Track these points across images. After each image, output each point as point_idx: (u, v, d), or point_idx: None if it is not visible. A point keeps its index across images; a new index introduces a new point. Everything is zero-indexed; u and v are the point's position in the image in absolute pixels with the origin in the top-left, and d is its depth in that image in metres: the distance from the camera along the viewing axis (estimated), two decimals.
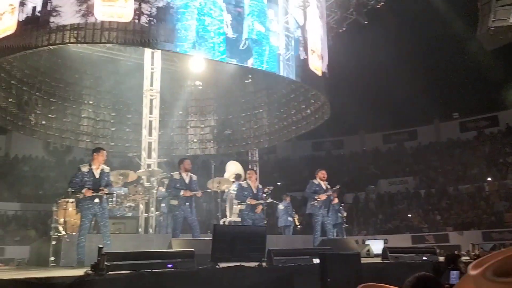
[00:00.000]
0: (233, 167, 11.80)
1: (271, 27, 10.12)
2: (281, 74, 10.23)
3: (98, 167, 6.80)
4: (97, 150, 7.03)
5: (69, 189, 7.13)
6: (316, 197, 8.39)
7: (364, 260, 5.73)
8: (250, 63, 9.72)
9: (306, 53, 10.59)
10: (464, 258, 6.62)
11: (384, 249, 6.60)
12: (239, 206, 8.37)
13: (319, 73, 11.04)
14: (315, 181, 8.69)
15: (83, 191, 6.57)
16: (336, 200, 9.06)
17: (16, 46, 8.43)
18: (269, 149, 22.98)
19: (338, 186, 9.09)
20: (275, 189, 11.26)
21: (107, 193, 6.79)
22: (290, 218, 11.79)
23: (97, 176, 6.74)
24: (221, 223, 9.42)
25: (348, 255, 5.26)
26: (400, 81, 24.77)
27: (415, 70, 23.84)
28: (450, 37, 21.53)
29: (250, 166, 16.14)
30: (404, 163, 25.99)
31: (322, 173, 8.66)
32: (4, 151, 24.18)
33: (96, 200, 6.61)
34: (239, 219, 9.41)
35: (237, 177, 11.16)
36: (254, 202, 8.10)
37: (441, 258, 7.10)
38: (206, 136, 15.31)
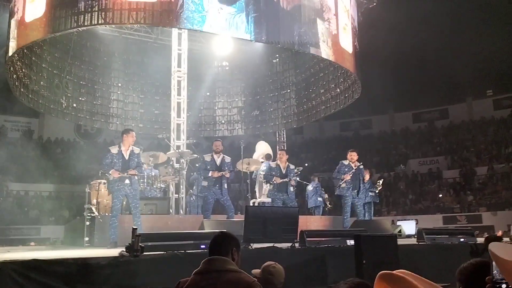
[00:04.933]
0: (263, 148, 11.73)
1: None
2: (311, 52, 9.98)
3: (127, 148, 6.83)
4: (126, 131, 7.05)
5: (100, 171, 7.23)
6: (342, 177, 8.24)
7: (398, 242, 5.58)
8: (282, 41, 9.51)
9: (337, 29, 10.27)
10: (504, 240, 6.38)
11: (419, 230, 6.43)
12: (267, 186, 8.33)
13: (350, 51, 10.72)
14: (345, 162, 8.52)
15: (111, 172, 6.63)
16: (367, 178, 8.84)
17: (46, 29, 8.49)
18: (296, 130, 22.78)
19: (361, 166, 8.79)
20: (303, 170, 11.15)
21: (134, 174, 6.79)
22: (320, 199, 11.70)
23: (126, 157, 6.77)
24: (251, 204, 9.42)
25: (384, 237, 5.13)
26: (431, 58, 23.97)
27: (448, 46, 22.98)
28: (489, 14, 20.61)
29: (278, 147, 16.06)
30: (435, 142, 25.32)
31: (351, 155, 8.47)
32: (37, 134, 24.85)
33: (126, 181, 6.65)
34: (268, 200, 9.38)
35: (267, 157, 11.10)
36: (279, 180, 8.04)
37: (479, 240, 6.89)
38: (234, 117, 15.25)
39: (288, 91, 14.34)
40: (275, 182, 8.07)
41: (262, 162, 10.34)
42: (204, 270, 2.42)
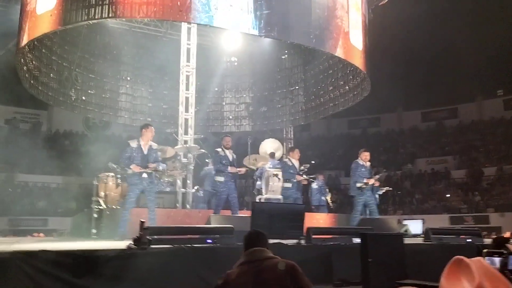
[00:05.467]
0: (269, 145, 11.73)
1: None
2: (321, 49, 9.94)
3: (146, 143, 6.85)
4: (146, 126, 7.05)
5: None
6: (365, 181, 8.18)
7: (404, 241, 5.55)
8: (292, 38, 9.48)
9: (348, 26, 10.21)
10: None
11: (426, 230, 6.40)
12: (284, 184, 8.28)
13: (360, 48, 10.66)
14: (360, 162, 8.46)
15: (132, 166, 6.63)
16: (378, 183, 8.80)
17: (56, 21, 8.53)
18: (304, 127, 22.71)
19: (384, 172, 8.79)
20: (309, 167, 11.12)
21: (155, 170, 6.82)
22: (323, 198, 11.64)
23: (145, 152, 6.79)
24: (257, 200, 9.42)
25: (390, 236, 5.11)
26: (440, 57, 23.76)
27: (458, 45, 22.74)
28: (500, 14, 20.35)
29: (284, 144, 16.04)
30: (444, 142, 25.16)
31: (365, 155, 8.41)
32: (46, 126, 25.03)
33: (144, 175, 6.67)
34: (275, 196, 9.38)
35: (271, 154, 11.10)
36: (300, 178, 8.05)
37: (486, 241, 6.84)
38: (242, 113, 15.26)
39: (297, 87, 14.30)
40: (296, 180, 8.08)
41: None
42: (247, 260, 2.80)
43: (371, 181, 8.19)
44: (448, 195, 20.57)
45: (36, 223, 17.82)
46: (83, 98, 12.80)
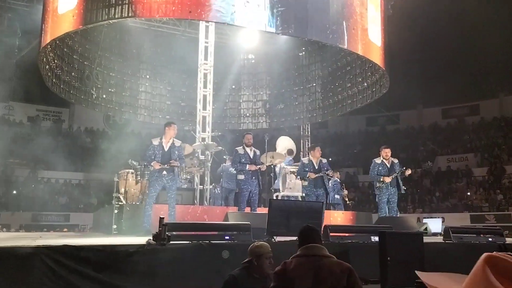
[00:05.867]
0: (284, 142, 11.73)
1: None
2: (339, 45, 9.87)
3: (168, 141, 6.99)
4: (168, 124, 7.24)
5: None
6: (381, 179, 8.13)
7: (424, 240, 5.49)
8: (309, 34, 9.43)
9: (367, 22, 10.11)
10: None
11: (446, 229, 6.30)
12: (302, 182, 8.28)
13: (379, 44, 10.55)
14: (377, 160, 8.38)
15: (152, 163, 6.82)
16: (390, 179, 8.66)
17: (78, 20, 8.69)
18: (321, 124, 22.60)
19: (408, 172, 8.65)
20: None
21: (174, 166, 6.91)
22: (337, 196, 11.56)
23: (166, 149, 6.93)
24: (274, 197, 9.45)
25: (410, 235, 5.06)
26: (461, 52, 23.29)
27: (480, 40, 22.26)
28: None
29: (302, 141, 16.00)
30: (465, 139, 24.70)
31: (385, 151, 8.32)
32: (68, 124, 25.53)
33: (165, 172, 6.80)
34: (292, 194, 9.40)
35: (289, 152, 11.09)
36: (314, 175, 8.03)
37: (508, 240, 6.72)
38: (259, 110, 15.26)
39: (314, 84, 14.23)
40: (309, 177, 8.05)
41: (285, 156, 10.35)
42: (305, 254, 2.93)
43: (388, 180, 8.11)
44: (469, 193, 20.21)
45: (58, 219, 18.22)
46: (104, 96, 13.01)
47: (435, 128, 26.70)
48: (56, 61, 11.23)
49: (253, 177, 7.71)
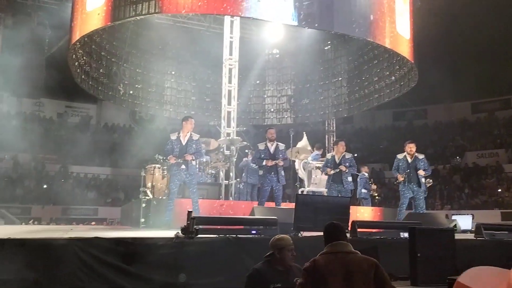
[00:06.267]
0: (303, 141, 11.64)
1: None
2: (366, 38, 9.71)
3: (185, 135, 7.04)
4: (185, 118, 7.31)
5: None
6: (397, 176, 7.99)
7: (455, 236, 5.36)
8: (335, 27, 9.31)
9: (395, 14, 9.91)
10: None
11: (478, 225, 6.14)
12: (316, 175, 8.23)
13: (407, 37, 10.32)
14: (400, 156, 8.21)
15: (169, 157, 6.90)
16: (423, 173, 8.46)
17: (106, 17, 8.83)
18: (346, 119, 22.34)
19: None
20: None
21: (189, 159, 6.95)
22: (364, 190, 11.39)
23: (184, 143, 6.98)
24: (299, 192, 9.40)
25: (440, 231, 4.95)
26: (493, 45, 22.57)
27: (510, 32, 21.51)
28: None
29: (327, 136, 15.86)
30: (495, 134, 23.99)
31: (410, 146, 8.12)
32: (96, 120, 26.06)
33: (183, 166, 6.85)
34: (318, 189, 9.33)
35: (317, 147, 10.99)
36: (330, 172, 7.94)
37: None
38: (283, 106, 15.21)
39: (340, 79, 14.06)
40: (327, 173, 8.01)
41: (310, 151, 10.28)
42: (332, 251, 3.06)
43: (400, 178, 7.94)
44: (499, 190, 19.64)
45: (87, 212, 18.66)
46: (131, 92, 13.22)
47: (464, 123, 26.02)
48: (85, 58, 11.46)
49: (272, 173, 7.60)
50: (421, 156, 8.20)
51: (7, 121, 17.76)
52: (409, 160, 8.07)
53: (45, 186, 19.25)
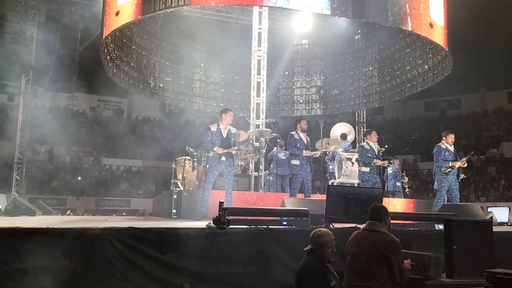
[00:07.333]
0: (340, 128, 11.47)
1: None
2: (399, 26, 9.44)
3: (225, 127, 7.05)
4: (225, 110, 7.26)
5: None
6: (451, 165, 7.73)
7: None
8: (367, 16, 9.08)
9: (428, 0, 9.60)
10: None
11: None
12: (362, 168, 8.00)
13: (441, 24, 9.98)
14: (443, 145, 7.97)
15: (215, 148, 6.87)
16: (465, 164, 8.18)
17: (136, 11, 8.94)
18: (376, 110, 21.93)
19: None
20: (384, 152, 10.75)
21: (235, 152, 7.02)
22: (398, 183, 11.17)
23: (224, 135, 7.00)
24: (329, 184, 9.31)
25: (478, 223, 4.79)
26: None
27: None
28: None
29: (357, 127, 15.61)
30: None
31: (451, 137, 7.88)
32: (127, 113, 26.59)
33: (223, 158, 6.88)
34: (348, 181, 9.19)
35: (343, 136, 10.82)
36: (380, 162, 7.81)
37: None
38: (312, 97, 15.04)
39: (370, 68, 13.77)
40: (375, 164, 7.79)
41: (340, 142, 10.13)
42: (364, 228, 3.82)
43: (458, 164, 7.69)
44: None
45: (120, 203, 19.14)
46: (161, 85, 13.36)
47: (500, 113, 25.10)
48: (116, 52, 11.65)
49: (308, 163, 7.65)
50: (453, 148, 7.99)
51: (42, 116, 18.33)
52: (452, 150, 7.87)
53: (79, 178, 19.84)
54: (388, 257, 3.54)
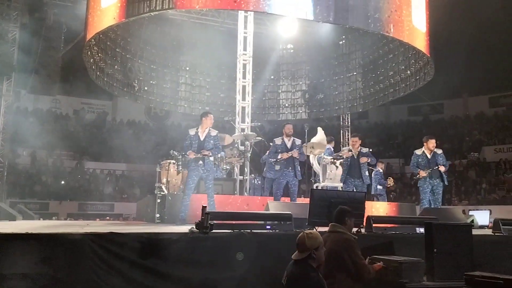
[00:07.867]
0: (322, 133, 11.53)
1: None
2: (382, 32, 9.55)
3: (204, 131, 7.03)
4: (205, 114, 7.26)
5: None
6: (417, 173, 7.85)
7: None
8: (350, 22, 9.17)
9: (411, 7, 9.73)
10: None
11: (496, 221, 6.03)
12: (331, 170, 8.14)
13: (423, 30, 10.14)
14: (418, 152, 8.05)
15: (188, 153, 6.89)
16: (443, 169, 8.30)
17: (120, 14, 8.87)
18: (361, 114, 22.19)
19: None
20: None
21: (206, 155, 6.94)
22: (380, 187, 11.27)
23: (202, 138, 6.98)
24: (314, 187, 9.34)
25: (458, 226, 4.87)
26: (510, 38, 22.09)
27: None
28: None
29: (342, 131, 15.76)
30: None
31: (431, 142, 7.94)
32: (111, 116, 26.34)
33: (200, 162, 6.85)
34: (332, 184, 9.25)
35: (330, 140, 10.88)
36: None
37: None
38: (298, 101, 15.12)
39: (354, 73, 13.91)
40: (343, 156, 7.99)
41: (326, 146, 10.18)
42: (327, 230, 4.12)
43: (423, 174, 7.79)
44: None
45: (103, 208, 18.90)
46: (146, 88, 13.26)
47: (481, 118, 25.60)
48: (100, 54, 11.54)
49: (290, 167, 7.63)
50: (439, 151, 8.07)
51: (24, 118, 18.05)
52: (429, 155, 7.94)
53: (62, 182, 19.55)
54: (341, 254, 3.80)
